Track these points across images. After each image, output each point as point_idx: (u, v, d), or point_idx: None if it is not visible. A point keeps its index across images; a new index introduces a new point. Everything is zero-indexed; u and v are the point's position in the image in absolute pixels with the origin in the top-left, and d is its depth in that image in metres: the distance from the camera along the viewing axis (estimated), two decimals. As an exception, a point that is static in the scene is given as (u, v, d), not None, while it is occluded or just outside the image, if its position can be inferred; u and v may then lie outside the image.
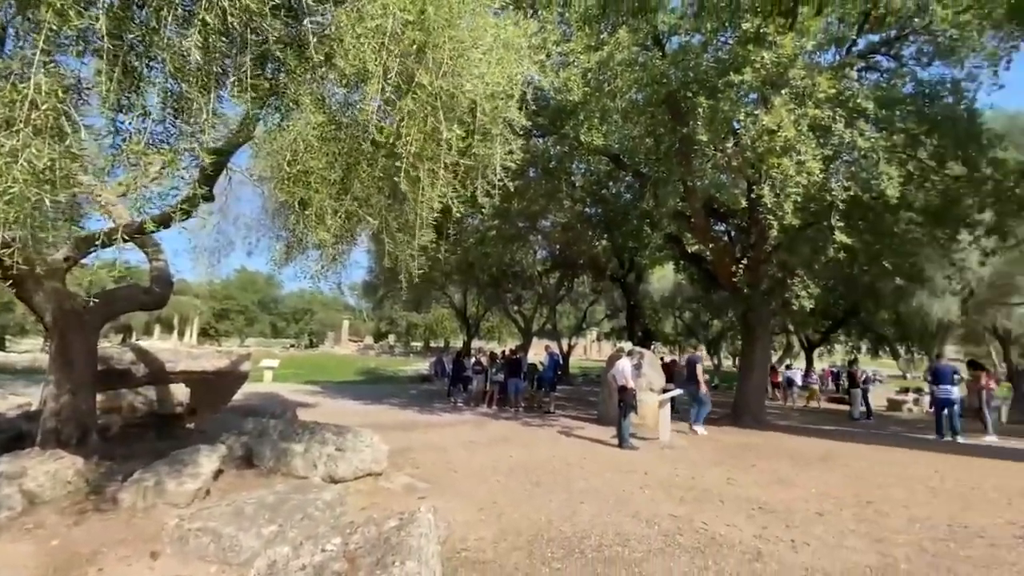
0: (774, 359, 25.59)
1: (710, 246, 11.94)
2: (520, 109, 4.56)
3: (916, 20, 9.43)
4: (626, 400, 8.27)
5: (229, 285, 53.95)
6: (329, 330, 55.64)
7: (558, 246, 18.94)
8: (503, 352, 15.17)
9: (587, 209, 16.01)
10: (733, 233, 13.04)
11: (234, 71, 3.24)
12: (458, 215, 4.70)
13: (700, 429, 9.62)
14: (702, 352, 29.87)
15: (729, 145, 9.15)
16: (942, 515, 4.74)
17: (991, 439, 9.77)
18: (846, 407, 15.05)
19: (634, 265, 20.73)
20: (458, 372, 14.67)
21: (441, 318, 46.83)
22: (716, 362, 33.01)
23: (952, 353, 29.75)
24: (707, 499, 5.24)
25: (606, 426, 9.51)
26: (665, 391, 9.98)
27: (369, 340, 54.79)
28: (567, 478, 5.96)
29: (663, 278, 27.03)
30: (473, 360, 15.24)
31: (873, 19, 9.60)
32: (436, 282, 20.67)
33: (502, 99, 4.13)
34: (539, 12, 8.78)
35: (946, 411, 9.77)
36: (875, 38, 10.77)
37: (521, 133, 6.64)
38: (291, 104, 3.70)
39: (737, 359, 21.89)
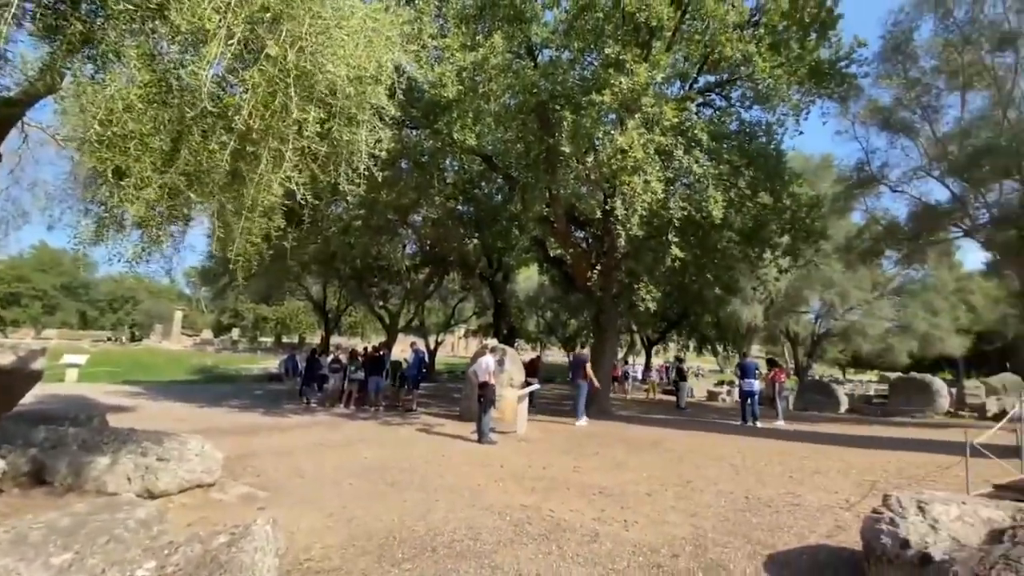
0: (620, 356, 28.29)
1: (570, 251, 12.78)
2: (391, 98, 4.41)
3: (743, 68, 11.09)
4: (487, 396, 8.49)
5: (22, 264, 44.20)
6: (157, 322, 48.29)
7: (428, 242, 18.75)
8: (365, 349, 14.55)
9: (459, 207, 16.09)
10: (590, 240, 14.09)
11: (35, 4, 2.66)
12: (314, 202, 4.40)
13: (583, 421, 10.43)
14: (587, 351, 31.95)
15: (589, 159, 9.87)
16: (741, 489, 5.63)
17: (781, 423, 11.87)
18: (694, 397, 17.18)
19: (502, 265, 21.36)
20: (312, 370, 13.71)
21: (296, 311, 43.48)
22: (571, 358, 35.47)
23: (756, 351, 35.62)
24: (555, 487, 5.58)
25: (468, 422, 9.65)
26: (528, 385, 10.49)
27: (207, 334, 48.74)
28: (424, 476, 5.92)
29: (529, 278, 28.27)
30: (331, 357, 14.40)
31: (711, 62, 11.07)
32: (290, 272, 19.14)
33: (370, 84, 3.95)
34: (415, 2, 8.60)
35: (749, 401, 11.64)
36: (712, 78, 12.46)
37: (391, 123, 6.41)
38: (110, 55, 3.14)
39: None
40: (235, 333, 48.20)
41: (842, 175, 17.07)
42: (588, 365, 10.95)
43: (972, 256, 42.89)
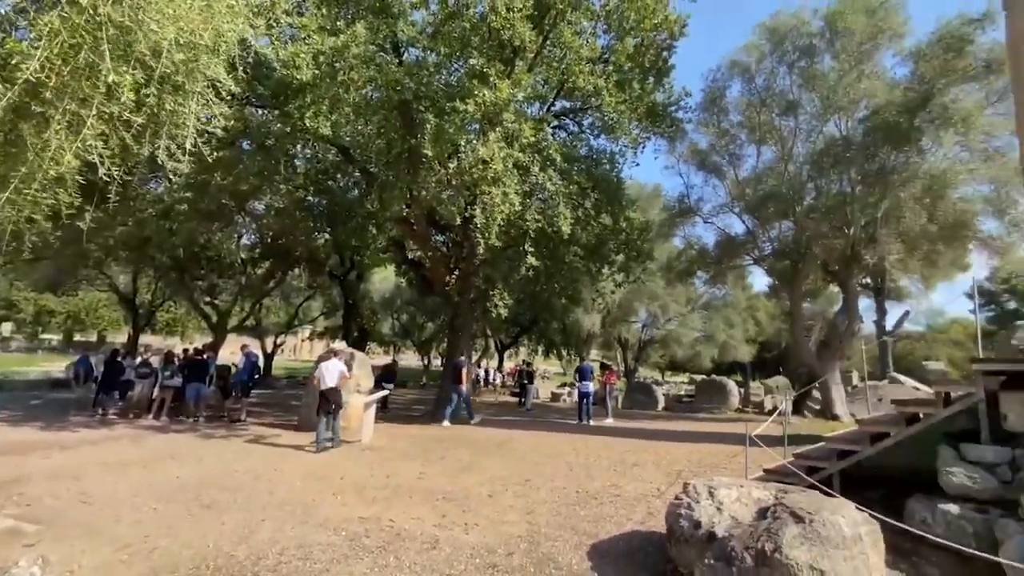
0: (474, 359, 28.85)
1: (429, 254, 12.70)
2: (231, 72, 3.96)
3: (593, 100, 12.14)
4: (333, 401, 8.02)
5: None
6: None
7: (271, 233, 17.10)
8: (185, 351, 12.72)
9: (310, 198, 14.98)
10: (450, 245, 14.18)
11: None
12: (124, 178, 3.73)
13: (447, 423, 11.02)
14: (464, 357, 31.46)
15: (452, 165, 9.94)
16: (573, 484, 6.11)
17: (610, 421, 13.16)
18: (539, 399, 18.01)
19: (356, 263, 20.37)
20: (112, 375, 11.48)
21: (95, 304, 36.43)
22: (426, 362, 35.14)
23: (594, 356, 39.04)
24: (398, 496, 5.46)
25: (307, 432, 8.99)
26: (383, 389, 10.21)
27: (-37, 328, 38.41)
28: (250, 494, 5.36)
29: (385, 279, 27.37)
30: (139, 360, 12.31)
31: (566, 89, 11.92)
32: (88, 257, 15.99)
33: (204, 53, 3.49)
34: (268, -29, 7.83)
35: (585, 401, 12.72)
36: (567, 104, 13.43)
37: (232, 99, 5.71)
38: None
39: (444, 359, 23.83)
40: (7, 328, 38.64)
41: (667, 205, 19.63)
42: (465, 371, 11.47)
43: (759, 280, 52.52)
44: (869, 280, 20.93)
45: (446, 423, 11.09)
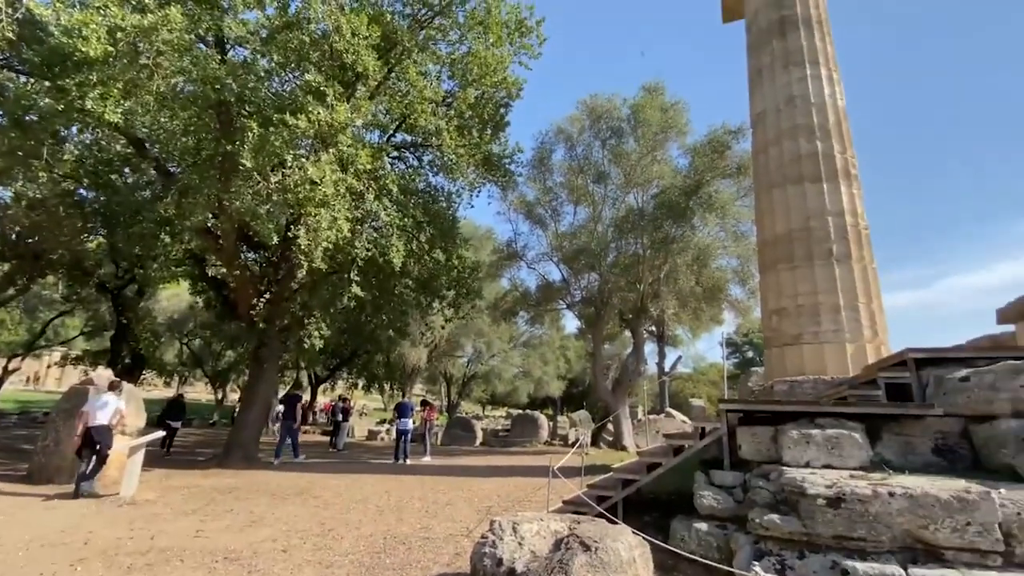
0: (281, 393, 26.11)
1: (236, 273, 11.28)
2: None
3: (434, 139, 12.45)
4: (99, 442, 6.67)
5: None
6: None
7: (16, 227, 13.47)
8: None
9: (81, 191, 12.28)
10: (263, 265, 12.82)
11: None
12: None
13: (279, 460, 11.16)
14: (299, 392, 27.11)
15: (275, 179, 9.14)
16: (382, 529, 5.81)
17: (427, 459, 12.96)
18: (354, 437, 16.72)
19: (137, 276, 17.07)
20: None
21: None
22: (220, 396, 30.60)
23: (419, 390, 38.46)
24: (163, 561, 4.55)
25: (41, 484, 7.04)
26: (168, 427, 8.53)
27: None
28: (-72, 577, 3.94)
29: (175, 297, 23.50)
30: None
31: (408, 123, 12.03)
32: None
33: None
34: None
35: (403, 439, 12.36)
36: (408, 138, 13.51)
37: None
38: None
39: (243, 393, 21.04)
40: None
41: (497, 248, 20.81)
42: (300, 405, 11.09)
43: (571, 322, 58.04)
44: (654, 328, 24.74)
45: (278, 461, 11.17)
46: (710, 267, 16.22)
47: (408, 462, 12.01)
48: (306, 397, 28.54)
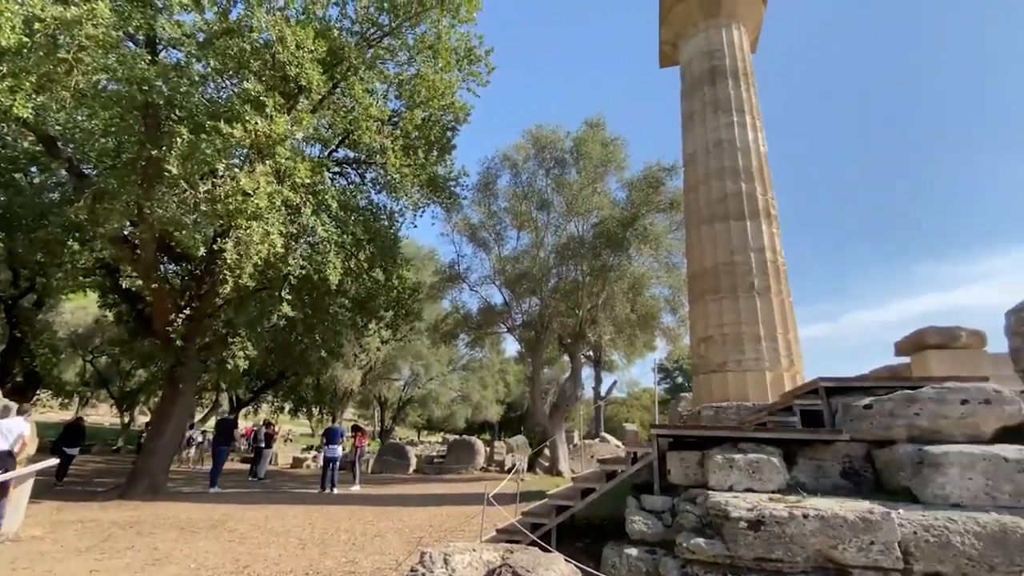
0: (199, 417, 24.23)
1: (153, 287, 10.46)
2: None
3: (379, 157, 12.28)
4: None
5: None
6: None
7: None
8: None
9: (-26, 189, 11.05)
10: (184, 278, 11.99)
11: None
12: None
13: (217, 488, 10.98)
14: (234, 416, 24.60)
15: (204, 188, 8.64)
16: (303, 565, 5.44)
17: (356, 488, 12.38)
18: (277, 465, 15.62)
19: (38, 285, 15.44)
20: None
21: None
22: (127, 420, 27.90)
23: (350, 415, 36.93)
24: (44, 610, 4.02)
25: None
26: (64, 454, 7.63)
27: None
28: None
29: (81, 310, 21.44)
30: None
31: (352, 139, 11.82)
32: None
33: None
34: None
35: (331, 466, 11.75)
36: (351, 154, 13.25)
37: None
38: None
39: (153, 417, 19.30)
40: None
41: (440, 269, 20.63)
42: (236, 431, 9.94)
43: (511, 346, 58.15)
44: (591, 353, 25.26)
45: (216, 489, 11.07)
46: (644, 295, 16.89)
47: (336, 491, 11.41)
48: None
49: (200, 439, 18.33)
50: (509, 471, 16.01)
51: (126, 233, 9.66)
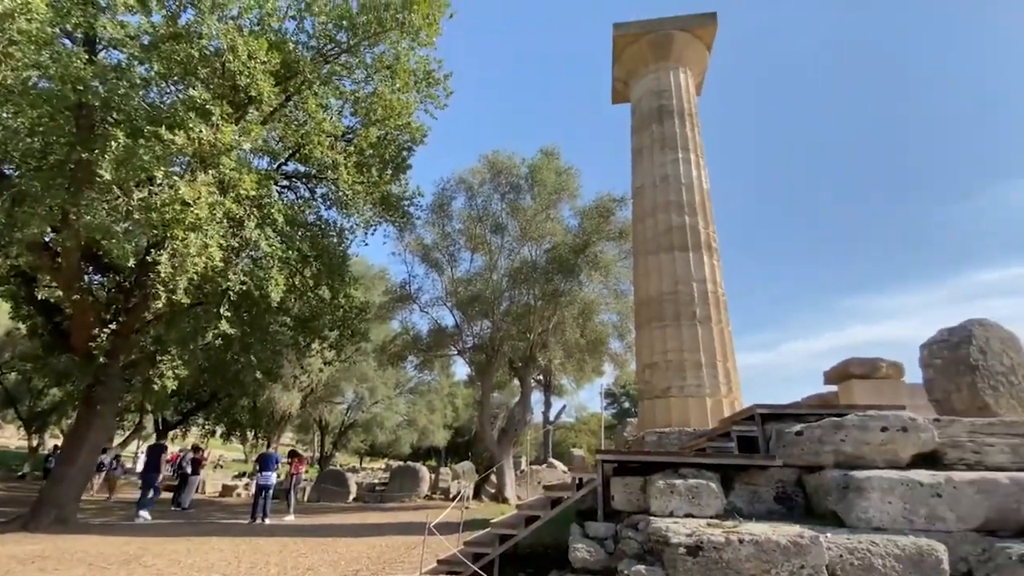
0: (118, 440, 22.33)
1: (75, 297, 9.67)
2: None
3: (330, 172, 12.04)
4: None
5: None
6: None
7: None
8: None
9: None
10: (111, 291, 11.17)
11: None
12: None
13: (145, 515, 10.72)
14: (166, 441, 22.14)
15: (139, 196, 8.15)
16: (226, 603, 5.04)
17: (290, 518, 11.69)
18: (205, 493, 14.48)
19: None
20: None
21: None
22: (35, 443, 25.33)
23: (288, 440, 35.15)
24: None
25: None
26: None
27: None
28: None
29: (-13, 321, 19.48)
30: None
31: (303, 153, 11.55)
32: None
33: None
34: None
35: (263, 495, 11.07)
36: (301, 168, 12.91)
37: None
38: None
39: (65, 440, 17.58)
40: None
41: (390, 289, 20.26)
42: (164, 456, 9.83)
43: (461, 369, 57.43)
44: (541, 377, 25.34)
45: (144, 515, 10.80)
46: (594, 321, 17.22)
47: (268, 522, 10.74)
48: (141, 445, 24.62)
49: (113, 464, 16.73)
50: (454, 498, 15.63)
51: (47, 240, 8.94)
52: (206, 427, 25.85)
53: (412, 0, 10.13)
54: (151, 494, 11.48)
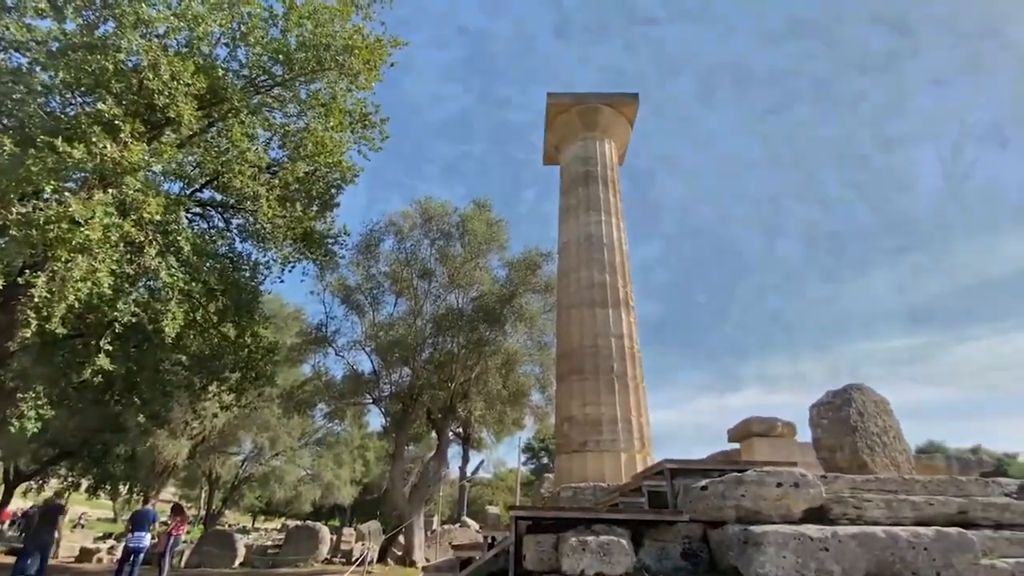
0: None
1: (-86, 321, 8.25)
2: None
3: (250, 204, 11.45)
4: None
5: None
6: None
7: None
8: None
9: None
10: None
11: None
12: None
13: None
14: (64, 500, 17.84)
15: (20, 210, 7.27)
16: None
17: (161, 587, 10.17)
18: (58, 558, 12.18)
19: None
20: None
21: None
22: None
23: (171, 495, 31.14)
24: None
25: None
26: None
27: None
28: None
29: None
30: None
31: (221, 182, 10.95)
32: None
33: None
34: None
35: (132, 559, 9.60)
36: (218, 196, 12.20)
37: None
38: None
39: None
40: None
41: (305, 330, 19.18)
42: (62, 517, 7.85)
43: (375, 420, 54.65)
44: (460, 430, 24.65)
45: None
46: (516, 372, 17.22)
47: (132, 592, 9.26)
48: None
49: None
50: (356, 562, 14.40)
51: None
52: (70, 479, 22.30)
53: (353, 45, 10.25)
54: (38, 561, 9.52)
